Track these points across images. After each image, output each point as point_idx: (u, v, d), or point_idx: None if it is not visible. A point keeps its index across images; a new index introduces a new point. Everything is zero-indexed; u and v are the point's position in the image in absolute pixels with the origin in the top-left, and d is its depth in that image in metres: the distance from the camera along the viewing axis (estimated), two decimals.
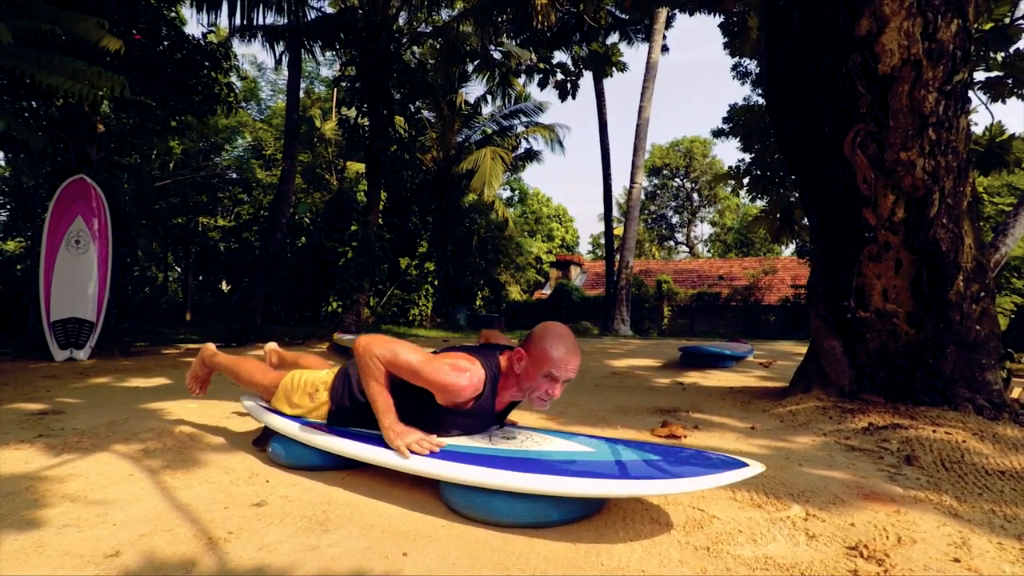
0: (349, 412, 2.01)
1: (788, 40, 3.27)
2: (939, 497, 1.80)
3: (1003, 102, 5.44)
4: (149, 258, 17.09)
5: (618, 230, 20.50)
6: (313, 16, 11.04)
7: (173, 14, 8.42)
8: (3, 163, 13.19)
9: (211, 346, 2.62)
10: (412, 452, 1.73)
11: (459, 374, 1.76)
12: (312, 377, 2.18)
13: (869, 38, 2.77)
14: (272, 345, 2.75)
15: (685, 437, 2.64)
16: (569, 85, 10.10)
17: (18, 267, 11.37)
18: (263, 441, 2.32)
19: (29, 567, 1.30)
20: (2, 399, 3.43)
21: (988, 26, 5.09)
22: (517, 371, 1.82)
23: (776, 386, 4.18)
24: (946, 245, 2.86)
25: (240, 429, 2.70)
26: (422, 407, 1.85)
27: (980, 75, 5.55)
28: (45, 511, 1.64)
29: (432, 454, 1.72)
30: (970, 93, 4.74)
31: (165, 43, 7.45)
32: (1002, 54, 5.29)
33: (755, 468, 1.58)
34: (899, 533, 1.52)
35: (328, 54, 14.01)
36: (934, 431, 2.49)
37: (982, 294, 2.95)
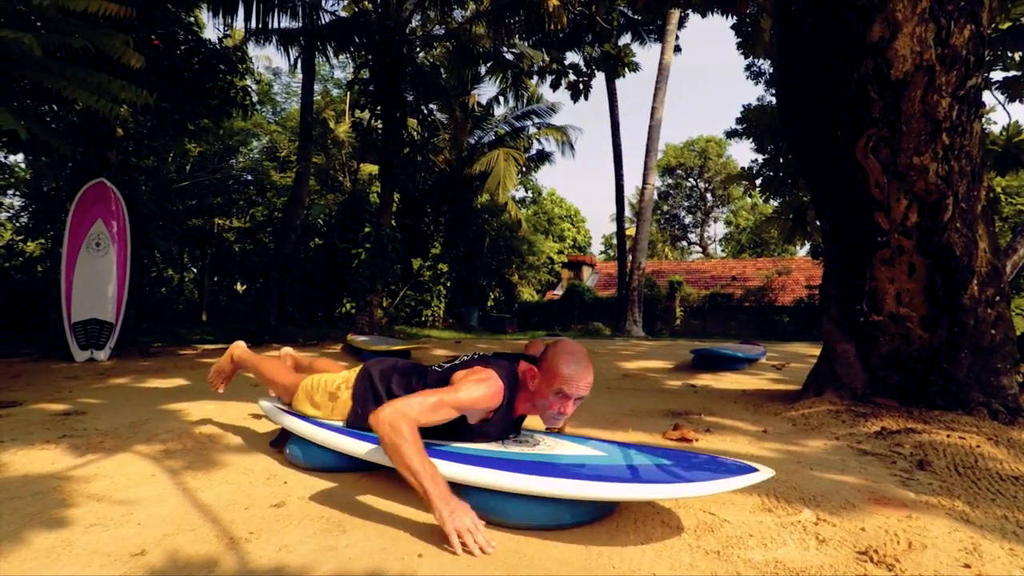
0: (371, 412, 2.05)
1: (800, 45, 3.27)
2: (951, 502, 1.80)
3: (1021, 102, 5.39)
4: (166, 259, 17.32)
5: (630, 230, 20.45)
6: (327, 19, 11.13)
7: (191, 18, 8.55)
8: (24, 166, 13.43)
9: (242, 343, 2.69)
10: (462, 542, 1.44)
11: (481, 387, 1.78)
12: (333, 378, 2.23)
13: (881, 44, 2.77)
14: (287, 350, 2.81)
15: (697, 440, 2.65)
16: (581, 86, 10.11)
17: (39, 268, 11.57)
18: (280, 442, 2.36)
19: (60, 565, 1.35)
20: (27, 399, 3.51)
21: (1005, 25, 5.05)
22: (531, 388, 1.83)
23: (788, 389, 4.17)
24: (960, 249, 2.85)
25: (258, 430, 2.76)
26: (449, 428, 1.87)
27: (997, 75, 5.51)
28: (72, 510, 1.69)
29: (447, 457, 1.74)
30: (987, 93, 4.70)
31: (183, 47, 7.57)
32: (1019, 54, 5.24)
33: (765, 473, 1.59)
34: (910, 538, 1.52)
35: (342, 57, 14.11)
36: (948, 436, 2.49)
37: (997, 298, 2.94)
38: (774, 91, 5.81)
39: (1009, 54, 5.25)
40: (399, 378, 2.09)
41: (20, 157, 11.75)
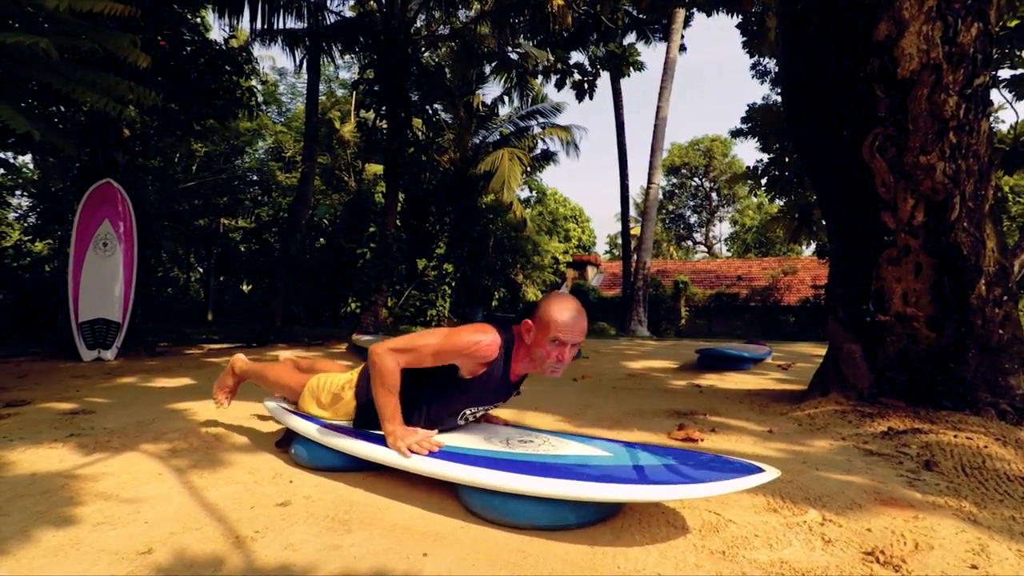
0: (374, 410, 2.07)
1: (806, 44, 3.26)
2: (958, 503, 1.79)
3: None
4: (172, 259, 17.39)
5: (635, 230, 20.42)
6: (332, 20, 11.16)
7: (197, 19, 8.58)
8: (32, 166, 13.52)
9: (241, 357, 2.71)
10: (412, 452, 1.79)
11: (478, 334, 1.87)
12: (337, 379, 2.25)
13: (888, 42, 2.76)
14: (286, 355, 2.84)
15: (702, 440, 2.64)
16: (586, 85, 10.09)
17: (46, 267, 11.64)
18: (286, 443, 2.37)
19: (68, 563, 1.36)
20: (35, 398, 3.54)
21: (1013, 23, 5.02)
22: (528, 341, 1.88)
23: (794, 389, 4.16)
24: (967, 249, 2.84)
25: (263, 430, 2.77)
26: (442, 384, 1.95)
27: (1005, 73, 5.47)
28: (80, 509, 1.70)
29: (450, 457, 1.75)
30: (995, 91, 4.67)
31: (189, 48, 7.60)
32: None
33: (771, 473, 1.59)
34: (916, 539, 1.52)
35: (347, 57, 14.15)
36: (955, 436, 2.47)
37: (1005, 298, 2.92)
38: (779, 90, 5.79)
39: (1017, 52, 5.22)
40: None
41: (28, 158, 11.83)
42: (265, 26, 10.15)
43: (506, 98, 16.70)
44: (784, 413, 3.26)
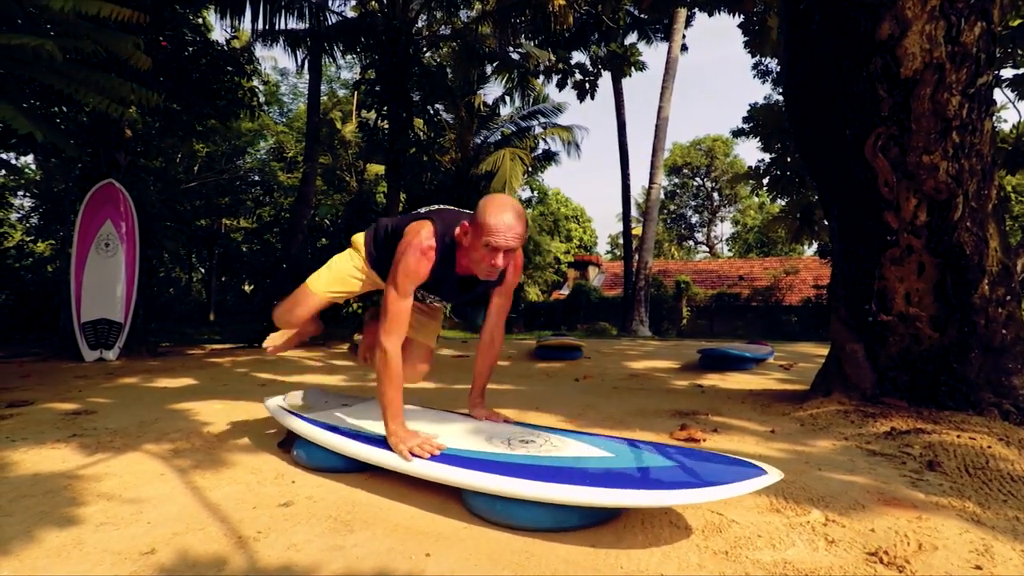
0: (389, 246, 2.06)
1: (808, 43, 3.26)
2: (962, 503, 1.79)
3: None
4: (174, 260, 17.42)
5: (637, 230, 20.41)
6: (334, 20, 11.18)
7: (199, 20, 8.59)
8: (34, 167, 13.55)
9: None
10: (414, 455, 1.76)
11: (409, 236, 1.87)
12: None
13: (891, 42, 2.75)
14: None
15: (704, 440, 2.64)
16: (588, 85, 10.10)
17: (49, 268, 11.68)
18: (288, 443, 2.37)
19: (71, 563, 1.36)
20: (37, 399, 3.54)
21: (1016, 23, 5.01)
22: (465, 244, 1.83)
23: (796, 389, 4.15)
24: (970, 248, 2.83)
25: (265, 430, 2.77)
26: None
27: (1008, 72, 5.46)
28: (83, 509, 1.70)
29: (452, 461, 1.75)
30: (998, 90, 4.66)
31: (191, 49, 7.61)
32: None
33: (773, 476, 1.58)
34: (920, 539, 1.51)
35: (348, 57, 14.17)
36: (958, 436, 2.46)
37: (1008, 298, 2.91)
38: (781, 90, 5.79)
39: (1020, 51, 5.21)
40: (396, 219, 2.15)
41: (30, 159, 11.87)
42: (267, 27, 10.18)
43: (507, 98, 16.72)
44: (786, 413, 3.25)
